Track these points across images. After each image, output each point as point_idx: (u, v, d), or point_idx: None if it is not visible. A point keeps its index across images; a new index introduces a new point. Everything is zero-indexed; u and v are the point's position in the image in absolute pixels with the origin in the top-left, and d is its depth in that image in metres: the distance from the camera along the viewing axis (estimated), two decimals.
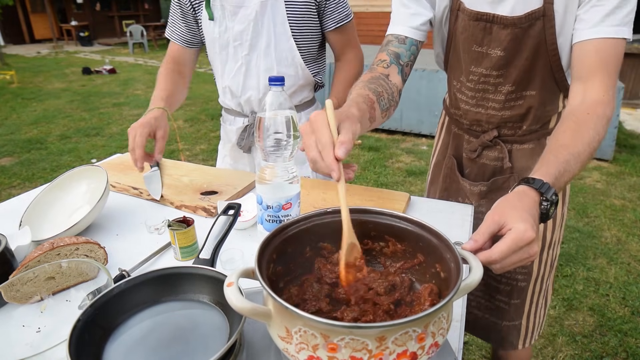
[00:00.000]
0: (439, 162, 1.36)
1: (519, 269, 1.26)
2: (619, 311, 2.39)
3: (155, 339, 0.66)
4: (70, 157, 4.76)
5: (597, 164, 4.36)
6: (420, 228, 0.71)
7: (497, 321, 1.36)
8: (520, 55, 1.00)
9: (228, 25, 1.34)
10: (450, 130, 1.27)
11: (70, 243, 0.90)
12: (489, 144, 1.16)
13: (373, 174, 4.17)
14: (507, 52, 1.00)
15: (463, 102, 1.14)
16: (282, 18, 1.28)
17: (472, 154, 1.21)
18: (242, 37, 1.33)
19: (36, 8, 17.09)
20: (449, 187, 1.32)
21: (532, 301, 1.30)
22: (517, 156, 1.16)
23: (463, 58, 1.08)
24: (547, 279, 1.30)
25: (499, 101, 1.08)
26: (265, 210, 0.90)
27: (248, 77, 1.40)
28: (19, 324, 0.77)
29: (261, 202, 0.90)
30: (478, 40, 1.02)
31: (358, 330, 0.51)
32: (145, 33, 13.81)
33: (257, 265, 0.60)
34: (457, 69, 1.12)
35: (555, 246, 1.27)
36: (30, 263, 0.85)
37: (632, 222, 3.30)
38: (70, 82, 8.84)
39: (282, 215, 0.89)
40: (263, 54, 1.34)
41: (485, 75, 1.05)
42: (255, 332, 0.72)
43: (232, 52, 1.38)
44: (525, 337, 1.36)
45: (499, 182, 1.19)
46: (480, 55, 1.04)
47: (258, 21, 1.29)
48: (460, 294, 0.60)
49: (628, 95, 6.03)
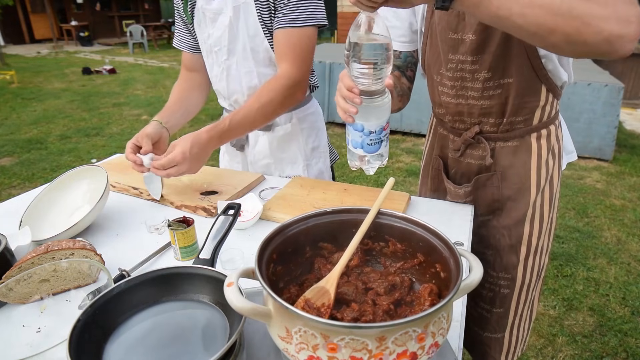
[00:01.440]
0: (426, 164, 1.36)
1: (502, 274, 1.22)
2: (619, 311, 2.39)
3: (155, 339, 0.66)
4: (70, 157, 4.76)
5: (597, 164, 4.36)
6: (420, 228, 0.71)
7: (479, 331, 1.32)
8: (492, 40, 0.99)
9: (209, 32, 1.36)
10: (437, 132, 1.27)
11: (65, 247, 0.89)
12: (471, 141, 1.15)
13: (373, 174, 4.16)
14: (478, 35, 0.99)
15: (444, 94, 1.14)
16: (254, 21, 1.29)
17: (456, 153, 1.20)
18: (221, 42, 1.35)
19: (36, 8, 17.08)
20: (437, 189, 1.31)
21: (516, 312, 1.25)
22: (501, 154, 1.14)
23: (441, 47, 1.08)
24: (534, 289, 1.25)
25: (477, 89, 1.07)
26: (368, 135, 0.88)
27: (231, 81, 1.41)
28: (19, 324, 0.77)
29: (362, 130, 0.88)
30: (453, 26, 1.03)
31: (358, 330, 0.51)
32: (145, 33, 13.81)
33: (257, 265, 0.60)
34: (437, 63, 1.12)
35: (543, 254, 1.22)
36: (24, 264, 0.85)
37: (632, 222, 3.30)
38: (70, 82, 8.84)
39: (383, 136, 0.89)
40: (242, 58, 1.36)
41: (462, 62, 1.05)
42: (255, 332, 0.72)
43: (215, 57, 1.40)
44: (508, 353, 1.31)
45: (482, 180, 1.18)
46: (456, 42, 1.04)
47: (233, 26, 1.31)
48: (460, 294, 0.60)
49: (628, 95, 6.03)
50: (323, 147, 1.57)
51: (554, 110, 1.13)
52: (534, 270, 1.22)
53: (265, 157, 1.52)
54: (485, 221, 1.22)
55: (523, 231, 1.17)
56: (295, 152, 1.51)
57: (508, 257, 1.20)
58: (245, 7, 1.28)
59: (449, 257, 0.65)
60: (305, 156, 1.52)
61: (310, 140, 1.52)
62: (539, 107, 1.09)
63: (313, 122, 1.52)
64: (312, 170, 1.54)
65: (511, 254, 1.19)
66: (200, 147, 1.19)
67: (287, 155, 1.52)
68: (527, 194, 1.15)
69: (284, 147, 1.50)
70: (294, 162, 1.52)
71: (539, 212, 1.17)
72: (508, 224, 1.18)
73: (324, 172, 1.57)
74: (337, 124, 5.58)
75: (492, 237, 1.21)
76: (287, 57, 1.28)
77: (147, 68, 10.59)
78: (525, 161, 1.13)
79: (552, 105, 1.11)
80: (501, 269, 1.22)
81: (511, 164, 1.14)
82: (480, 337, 1.32)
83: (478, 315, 1.31)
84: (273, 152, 1.51)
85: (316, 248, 0.76)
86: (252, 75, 1.38)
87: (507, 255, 1.20)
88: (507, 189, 1.16)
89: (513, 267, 1.20)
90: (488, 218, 1.22)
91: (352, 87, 0.83)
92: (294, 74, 1.28)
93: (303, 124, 1.49)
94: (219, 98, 1.53)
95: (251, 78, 1.38)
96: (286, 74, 1.28)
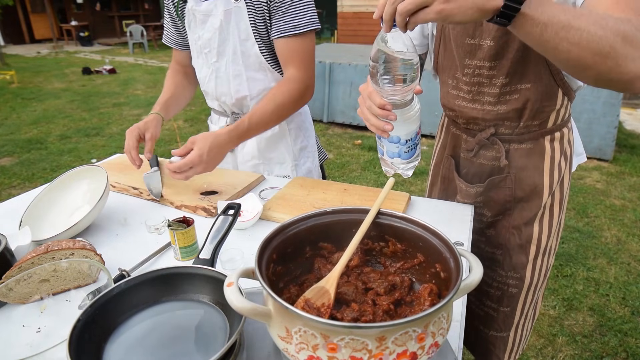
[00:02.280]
0: (437, 163, 1.35)
1: (511, 273, 1.22)
2: (619, 311, 2.39)
3: (155, 339, 0.66)
4: (70, 157, 4.76)
5: (597, 164, 4.36)
6: (420, 228, 0.71)
7: (484, 330, 1.32)
8: (510, 46, 0.99)
9: (199, 33, 1.37)
10: (449, 131, 1.27)
11: (65, 247, 0.89)
12: (485, 142, 1.14)
13: (373, 174, 4.17)
14: (496, 41, 0.99)
15: (460, 98, 1.13)
16: (246, 25, 1.29)
17: (469, 153, 1.19)
18: (210, 44, 1.36)
19: (36, 8, 17.08)
20: (447, 188, 1.31)
21: (522, 311, 1.26)
22: (515, 156, 1.14)
23: (457, 52, 1.07)
24: (539, 289, 1.26)
25: (494, 94, 1.06)
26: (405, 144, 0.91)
27: (219, 84, 1.42)
28: (19, 324, 0.77)
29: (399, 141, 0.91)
30: (470, 32, 1.02)
31: (358, 330, 0.51)
32: (145, 33, 13.80)
33: (257, 265, 0.60)
34: (451, 67, 1.11)
35: (551, 254, 1.23)
36: (24, 264, 0.85)
37: (632, 222, 3.30)
38: (70, 82, 8.84)
39: (417, 140, 0.92)
40: (231, 61, 1.36)
41: (479, 67, 1.05)
42: (255, 332, 0.72)
43: (205, 58, 1.41)
44: (511, 352, 1.31)
45: (495, 182, 1.17)
46: (473, 47, 1.03)
47: (223, 29, 1.31)
48: (460, 294, 0.60)
49: (628, 95, 6.03)
50: (311, 147, 1.57)
51: (567, 113, 1.13)
52: (542, 270, 1.23)
53: (254, 158, 1.52)
54: (495, 221, 1.22)
55: (533, 231, 1.17)
56: (283, 152, 1.51)
57: (517, 257, 1.20)
58: (237, 11, 1.28)
59: (449, 257, 0.65)
60: (294, 156, 1.52)
61: (299, 140, 1.52)
62: (554, 110, 1.09)
63: (301, 123, 1.52)
64: (301, 170, 1.54)
65: (520, 254, 1.20)
66: (219, 148, 1.21)
67: (276, 155, 1.52)
68: (540, 196, 1.15)
69: (272, 147, 1.50)
70: (282, 162, 1.52)
71: (548, 213, 1.17)
72: (518, 224, 1.18)
73: (312, 171, 1.57)
74: (337, 124, 5.58)
75: (501, 236, 1.21)
76: (293, 63, 1.31)
77: (147, 68, 10.59)
78: (538, 163, 1.13)
79: (566, 108, 1.11)
80: (510, 268, 1.22)
81: (524, 166, 1.14)
82: (485, 336, 1.33)
83: (484, 314, 1.31)
84: (261, 152, 1.51)
85: (316, 248, 0.76)
86: (241, 79, 1.38)
87: (517, 255, 1.20)
88: (519, 191, 1.15)
89: (522, 266, 1.20)
90: (498, 218, 1.21)
91: (384, 104, 0.84)
92: (303, 77, 1.32)
93: (291, 124, 1.49)
94: (208, 99, 1.54)
95: (240, 81, 1.39)
96: (296, 78, 1.31)
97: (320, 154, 1.64)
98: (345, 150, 4.76)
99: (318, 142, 1.64)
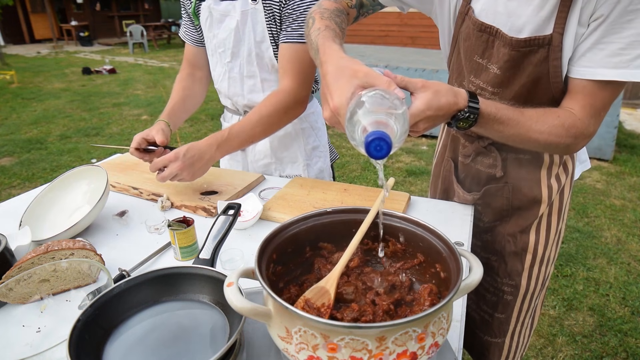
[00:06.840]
0: (438, 163, 1.34)
1: (506, 280, 1.21)
2: (619, 311, 2.39)
3: (155, 338, 0.66)
4: (70, 157, 4.76)
5: (597, 164, 4.36)
6: (420, 228, 0.71)
7: (480, 334, 1.31)
8: (517, 80, 0.96)
9: (215, 32, 1.37)
10: (450, 132, 1.26)
11: (65, 247, 0.89)
12: (483, 150, 1.13)
13: (373, 174, 4.17)
14: (503, 72, 0.96)
15: None
16: (262, 27, 1.29)
17: (466, 159, 1.18)
18: (225, 44, 1.36)
19: (36, 8, 17.09)
20: (447, 189, 1.31)
21: (518, 319, 1.24)
22: (512, 165, 1.12)
23: (465, 65, 1.05)
24: (537, 298, 1.24)
25: None
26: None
27: (231, 84, 1.42)
28: (19, 324, 0.77)
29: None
30: (479, 51, 0.99)
31: (358, 330, 0.51)
32: (145, 33, 13.80)
33: (257, 265, 0.60)
34: (459, 74, 1.09)
35: (550, 264, 1.21)
36: (24, 264, 0.85)
37: (632, 222, 3.30)
38: (70, 82, 8.84)
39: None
40: (245, 62, 1.36)
41: (482, 89, 1.02)
42: (255, 332, 0.72)
43: (218, 57, 1.41)
44: (507, 358, 1.30)
45: (491, 190, 1.15)
46: (480, 67, 1.01)
47: (239, 30, 1.31)
48: (460, 294, 0.60)
49: (628, 95, 6.03)
50: (323, 147, 1.57)
51: None
52: (539, 279, 1.21)
53: (266, 157, 1.52)
54: (491, 227, 1.21)
55: (529, 239, 1.16)
56: (295, 152, 1.51)
57: (512, 264, 1.19)
58: (253, 13, 1.28)
59: (449, 257, 0.65)
60: (306, 155, 1.52)
61: (311, 139, 1.52)
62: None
63: (313, 122, 1.52)
64: (313, 169, 1.54)
65: (516, 261, 1.18)
66: (196, 151, 1.19)
67: (288, 155, 1.52)
68: (537, 206, 1.13)
69: (284, 146, 1.50)
70: (294, 161, 1.52)
71: (546, 222, 1.15)
72: (514, 232, 1.17)
73: (324, 171, 1.57)
74: None
75: (497, 243, 1.20)
76: (290, 73, 1.29)
77: (147, 68, 10.59)
78: (536, 174, 1.11)
79: None
80: (505, 275, 1.21)
81: (522, 176, 1.12)
82: (480, 340, 1.32)
83: (480, 318, 1.30)
84: (274, 151, 1.51)
85: (316, 248, 0.76)
86: (254, 80, 1.38)
87: (512, 262, 1.19)
88: (516, 201, 1.14)
89: (517, 274, 1.19)
90: (495, 224, 1.20)
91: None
92: (295, 90, 1.29)
93: (303, 123, 1.49)
94: (221, 97, 1.53)
95: (254, 82, 1.38)
96: (288, 90, 1.29)
97: (332, 153, 1.65)
98: (345, 150, 4.76)
99: (329, 142, 1.64)
